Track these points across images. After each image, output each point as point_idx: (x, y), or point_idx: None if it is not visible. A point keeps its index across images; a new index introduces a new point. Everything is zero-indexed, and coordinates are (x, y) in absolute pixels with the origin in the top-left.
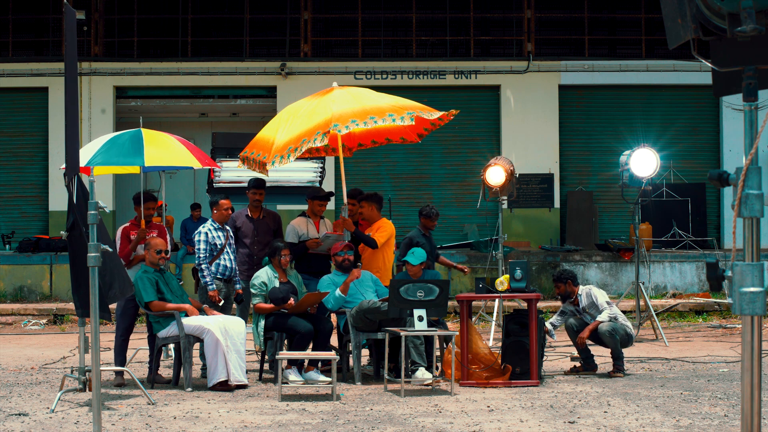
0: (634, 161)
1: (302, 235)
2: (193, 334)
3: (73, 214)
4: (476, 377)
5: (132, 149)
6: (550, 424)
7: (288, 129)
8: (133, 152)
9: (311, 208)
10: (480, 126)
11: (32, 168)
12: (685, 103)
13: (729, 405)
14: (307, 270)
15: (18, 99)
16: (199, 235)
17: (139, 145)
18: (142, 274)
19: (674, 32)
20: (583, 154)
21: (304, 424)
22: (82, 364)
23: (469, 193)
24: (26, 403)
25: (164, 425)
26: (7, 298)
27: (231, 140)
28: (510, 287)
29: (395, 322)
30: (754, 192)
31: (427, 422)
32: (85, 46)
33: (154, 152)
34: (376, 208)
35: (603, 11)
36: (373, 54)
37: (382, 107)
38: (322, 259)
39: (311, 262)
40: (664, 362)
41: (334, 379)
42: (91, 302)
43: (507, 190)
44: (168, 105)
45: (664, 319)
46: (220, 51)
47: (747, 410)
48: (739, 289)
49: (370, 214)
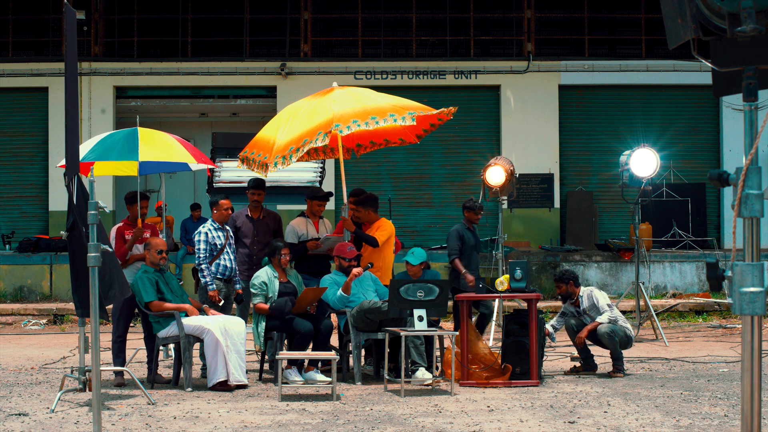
0: (634, 161)
1: (302, 236)
2: (193, 334)
3: (73, 214)
4: (476, 377)
5: (126, 145)
6: (550, 424)
7: (289, 129)
8: (127, 148)
9: (310, 208)
10: (480, 126)
11: (32, 168)
12: (685, 103)
13: (729, 405)
14: (307, 270)
15: (18, 99)
16: (199, 235)
17: (134, 142)
18: (142, 274)
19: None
20: (583, 154)
21: (304, 424)
22: (82, 364)
23: (469, 193)
24: (26, 403)
25: (164, 425)
26: (7, 298)
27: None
28: (510, 287)
29: (395, 322)
30: (754, 192)
31: (427, 422)
32: (85, 46)
33: (149, 148)
34: (372, 211)
35: (603, 11)
36: (373, 54)
37: (383, 107)
38: (322, 260)
39: (311, 262)
40: (664, 362)
41: (334, 379)
42: (91, 302)
43: (507, 190)
44: (168, 105)
45: (664, 319)
46: (220, 51)
47: (747, 410)
48: (739, 289)
49: (367, 216)
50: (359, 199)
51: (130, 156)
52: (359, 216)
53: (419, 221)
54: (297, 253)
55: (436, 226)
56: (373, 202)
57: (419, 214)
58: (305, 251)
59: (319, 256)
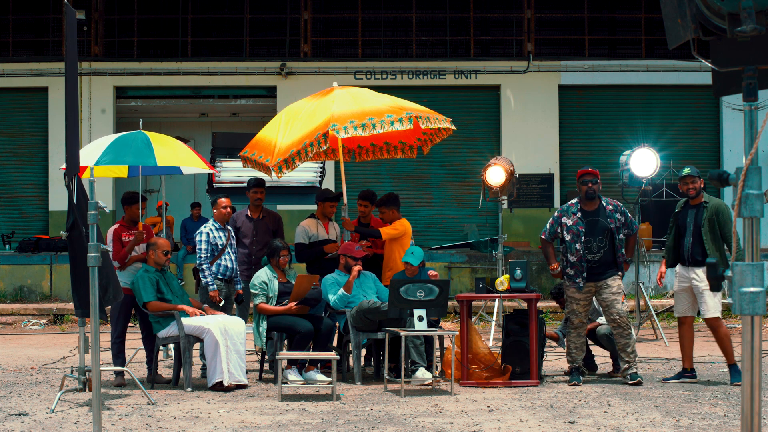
0: (634, 161)
1: (312, 237)
2: (193, 334)
3: (73, 214)
4: (476, 377)
5: (142, 149)
6: (550, 424)
7: (289, 131)
8: (144, 152)
9: (321, 209)
10: (480, 126)
11: (32, 168)
12: (685, 103)
13: (729, 405)
14: (318, 272)
15: (18, 99)
16: (200, 236)
17: (148, 145)
18: (143, 273)
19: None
20: (583, 154)
21: (304, 424)
22: (82, 364)
23: (469, 193)
24: (26, 403)
25: (164, 425)
26: (7, 298)
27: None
28: (510, 287)
29: (395, 322)
30: (754, 192)
31: (427, 422)
32: (85, 46)
33: (165, 152)
34: (396, 210)
35: (603, 11)
36: (373, 54)
37: (381, 109)
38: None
39: (323, 264)
40: (664, 362)
41: (334, 379)
42: (91, 302)
43: (507, 190)
44: (168, 105)
45: (664, 319)
46: (220, 51)
47: (747, 410)
48: (739, 289)
49: (391, 216)
50: (383, 199)
51: (146, 160)
52: (383, 217)
53: (419, 221)
54: (309, 255)
55: (436, 226)
56: (395, 201)
57: (419, 214)
58: (319, 254)
59: (331, 259)
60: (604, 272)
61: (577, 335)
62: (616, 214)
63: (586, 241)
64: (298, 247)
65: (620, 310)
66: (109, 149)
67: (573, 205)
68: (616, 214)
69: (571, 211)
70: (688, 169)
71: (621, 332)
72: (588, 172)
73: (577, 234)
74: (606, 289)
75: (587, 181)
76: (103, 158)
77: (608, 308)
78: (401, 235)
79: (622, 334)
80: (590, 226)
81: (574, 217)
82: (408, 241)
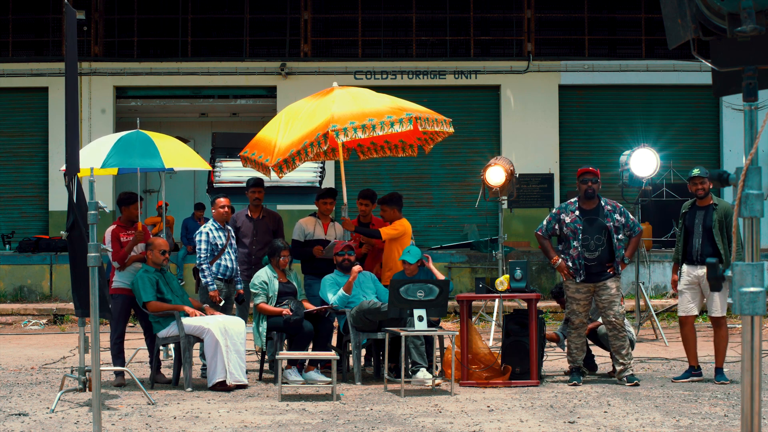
0: (634, 161)
1: (308, 234)
2: (193, 334)
3: (73, 214)
4: (476, 377)
5: (147, 150)
6: (550, 424)
7: (289, 131)
8: (149, 153)
9: (320, 209)
10: (480, 126)
11: (32, 168)
12: (685, 103)
13: (729, 405)
14: (311, 272)
15: (18, 99)
16: (200, 236)
17: (152, 147)
18: (143, 273)
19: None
20: (583, 154)
21: (304, 424)
22: (82, 364)
23: (469, 193)
24: (26, 403)
25: (164, 425)
26: (7, 298)
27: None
28: (510, 287)
29: (395, 322)
30: (754, 192)
31: (427, 422)
32: (85, 46)
33: (170, 154)
34: (397, 209)
35: (603, 11)
36: (373, 54)
37: (381, 110)
38: (327, 262)
39: (315, 264)
40: (664, 362)
41: (334, 379)
42: (91, 302)
43: (507, 190)
44: (168, 105)
45: (664, 319)
46: (220, 51)
47: (747, 410)
48: (739, 289)
49: (392, 215)
50: (386, 197)
51: (152, 163)
52: (383, 215)
53: (419, 221)
54: (303, 253)
55: (436, 226)
56: (398, 201)
57: (419, 214)
58: (311, 254)
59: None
60: (602, 272)
61: (577, 335)
62: (615, 214)
63: (583, 239)
64: (293, 243)
65: (617, 312)
66: (114, 151)
67: (572, 203)
68: (614, 214)
69: (570, 209)
70: (698, 169)
71: (616, 334)
72: (588, 171)
73: (575, 231)
74: (605, 290)
75: (587, 180)
76: (109, 160)
77: (606, 309)
78: (401, 235)
79: (617, 336)
80: (588, 224)
81: (572, 215)
82: (408, 242)
